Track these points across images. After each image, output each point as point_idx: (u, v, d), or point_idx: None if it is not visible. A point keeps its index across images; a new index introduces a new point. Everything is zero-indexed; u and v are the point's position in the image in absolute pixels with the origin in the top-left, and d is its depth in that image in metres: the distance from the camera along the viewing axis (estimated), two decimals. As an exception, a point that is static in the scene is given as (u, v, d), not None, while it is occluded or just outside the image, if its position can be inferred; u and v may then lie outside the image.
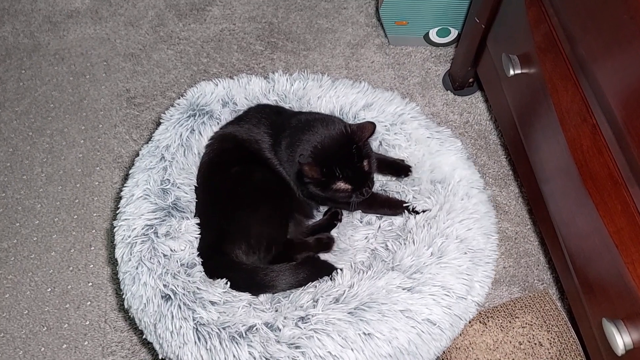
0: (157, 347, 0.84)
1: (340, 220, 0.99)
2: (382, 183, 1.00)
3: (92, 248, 1.13)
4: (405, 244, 0.87)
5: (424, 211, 0.90)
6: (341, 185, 0.84)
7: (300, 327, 0.77)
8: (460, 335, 0.93)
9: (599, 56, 0.71)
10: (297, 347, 0.75)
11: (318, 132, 0.86)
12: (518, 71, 0.90)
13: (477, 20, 1.04)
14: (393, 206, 0.95)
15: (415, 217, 0.89)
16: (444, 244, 0.84)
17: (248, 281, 0.85)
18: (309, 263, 0.89)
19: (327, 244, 0.94)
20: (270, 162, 0.91)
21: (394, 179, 0.98)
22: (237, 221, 0.87)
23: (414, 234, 0.87)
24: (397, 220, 0.94)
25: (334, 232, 0.97)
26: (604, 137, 0.73)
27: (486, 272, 0.86)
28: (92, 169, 1.22)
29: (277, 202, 0.92)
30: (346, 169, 0.83)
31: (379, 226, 0.97)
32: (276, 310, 0.82)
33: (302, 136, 0.87)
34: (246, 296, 0.84)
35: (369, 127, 0.84)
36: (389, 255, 0.87)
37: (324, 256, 0.96)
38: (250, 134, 0.93)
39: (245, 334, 0.77)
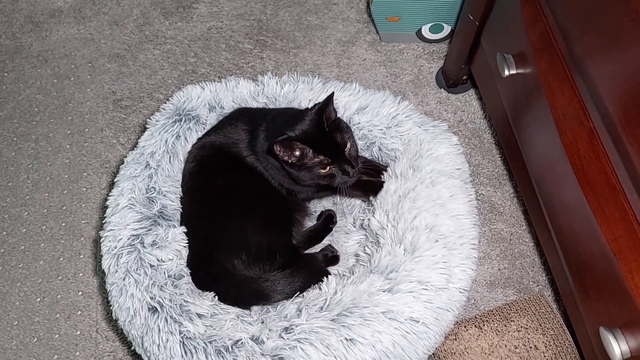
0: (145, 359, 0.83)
1: (335, 224, 0.98)
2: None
3: (82, 256, 1.11)
4: (379, 245, 0.85)
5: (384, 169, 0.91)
6: (316, 158, 0.83)
7: (284, 338, 0.76)
8: (456, 339, 0.92)
9: (597, 59, 0.68)
10: (280, 359, 0.74)
11: (285, 119, 0.86)
12: (513, 71, 0.87)
13: (471, 17, 1.01)
14: (364, 187, 0.93)
15: (375, 216, 0.87)
16: (415, 238, 0.82)
17: (239, 293, 0.84)
18: (304, 268, 0.87)
19: (334, 258, 0.92)
20: (247, 160, 0.90)
21: (362, 199, 0.97)
22: (232, 232, 0.85)
23: (380, 236, 0.85)
24: (366, 221, 0.92)
25: (327, 240, 0.96)
26: (601, 142, 0.71)
27: (463, 254, 0.83)
28: (80, 174, 1.19)
29: (270, 207, 0.90)
30: (316, 140, 0.82)
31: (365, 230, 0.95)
32: (262, 322, 0.81)
33: (271, 128, 0.87)
34: (235, 309, 0.83)
35: (328, 97, 0.83)
36: (368, 259, 0.86)
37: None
38: (228, 137, 0.92)
39: (232, 348, 0.76)
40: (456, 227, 0.84)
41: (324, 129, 0.82)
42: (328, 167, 0.84)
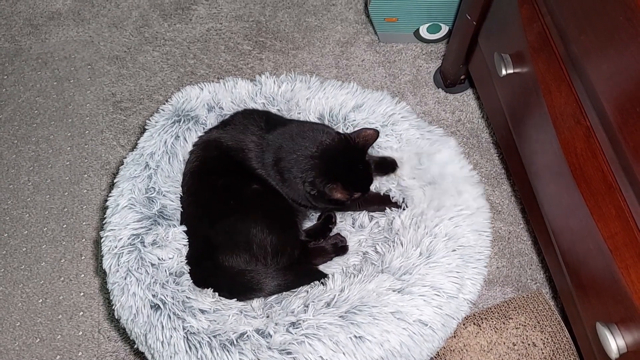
0: (148, 357, 0.84)
1: (335, 224, 0.99)
2: (374, 187, 0.99)
3: (83, 257, 1.11)
4: (393, 245, 0.86)
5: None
6: (355, 195, 0.86)
7: (292, 333, 0.76)
8: (455, 337, 0.93)
9: (594, 57, 0.69)
10: (288, 353, 0.75)
11: (323, 148, 0.85)
12: (510, 71, 0.88)
13: (469, 17, 1.02)
14: (382, 201, 0.96)
15: (400, 217, 0.89)
16: (432, 243, 0.84)
17: (232, 285, 0.85)
18: (296, 268, 0.88)
19: (344, 248, 0.94)
20: (256, 172, 0.90)
21: (382, 177, 0.98)
22: (233, 233, 0.86)
23: (401, 235, 0.86)
24: (382, 220, 0.94)
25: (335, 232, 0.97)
26: (598, 140, 0.72)
27: (477, 269, 0.85)
28: (80, 176, 1.20)
29: (273, 209, 0.90)
30: (361, 181, 0.87)
31: (370, 229, 0.96)
32: (267, 317, 0.82)
33: (304, 152, 0.85)
34: (237, 304, 0.83)
35: (373, 135, 0.86)
36: (379, 258, 0.87)
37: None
38: (235, 142, 0.91)
39: (237, 341, 0.76)
40: (476, 242, 0.86)
41: (362, 168, 0.87)
42: (358, 198, 0.88)
